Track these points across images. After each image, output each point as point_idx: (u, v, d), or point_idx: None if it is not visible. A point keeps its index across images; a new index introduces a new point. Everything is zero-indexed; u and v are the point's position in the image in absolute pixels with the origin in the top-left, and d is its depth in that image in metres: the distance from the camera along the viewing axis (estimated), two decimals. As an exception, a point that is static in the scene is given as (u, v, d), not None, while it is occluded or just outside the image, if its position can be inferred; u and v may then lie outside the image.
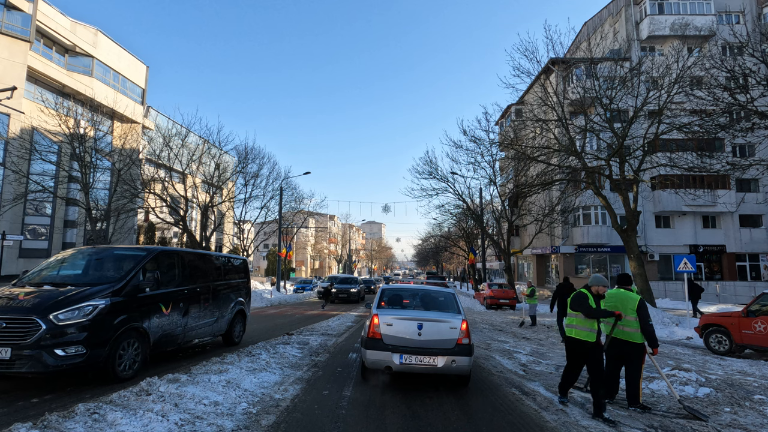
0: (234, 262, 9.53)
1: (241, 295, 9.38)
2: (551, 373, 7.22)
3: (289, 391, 5.51)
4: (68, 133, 20.07)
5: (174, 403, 4.50)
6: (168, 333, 6.67)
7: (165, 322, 6.57)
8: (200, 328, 7.63)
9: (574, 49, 31.15)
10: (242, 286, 9.57)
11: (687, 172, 18.64)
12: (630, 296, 5.32)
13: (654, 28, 29.83)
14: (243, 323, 9.55)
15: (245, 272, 9.88)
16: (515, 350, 9.55)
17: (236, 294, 9.15)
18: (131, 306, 5.90)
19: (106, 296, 5.55)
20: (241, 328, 9.42)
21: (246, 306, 9.64)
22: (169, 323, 6.69)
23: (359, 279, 30.88)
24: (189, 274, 7.43)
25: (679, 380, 6.28)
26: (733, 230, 29.39)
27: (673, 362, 8.23)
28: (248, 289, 9.92)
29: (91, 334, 5.24)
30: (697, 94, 14.67)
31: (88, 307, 5.29)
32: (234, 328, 9.02)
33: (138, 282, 6.13)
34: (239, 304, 9.22)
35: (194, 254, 8.07)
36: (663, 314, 14.62)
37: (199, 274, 7.78)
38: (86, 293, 5.44)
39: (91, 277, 6.19)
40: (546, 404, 5.33)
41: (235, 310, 9.01)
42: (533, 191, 20.95)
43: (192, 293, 7.37)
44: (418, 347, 5.55)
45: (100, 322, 5.36)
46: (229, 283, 8.88)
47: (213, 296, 8.08)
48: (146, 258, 6.50)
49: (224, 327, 8.60)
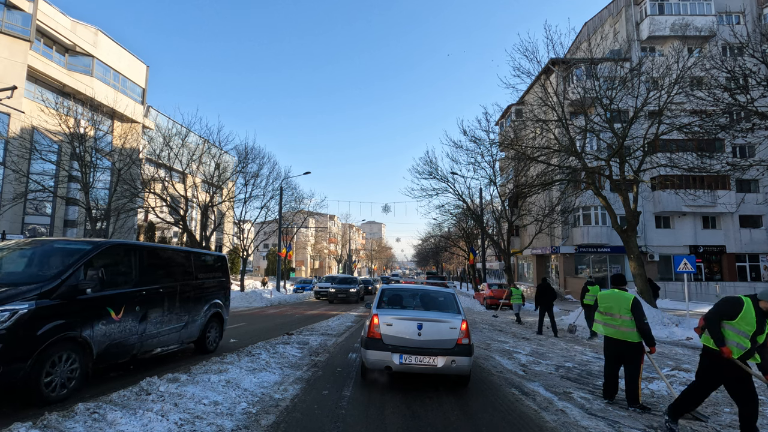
0: (208, 259, 8.54)
1: (217, 297, 8.40)
2: (551, 373, 7.23)
3: (289, 390, 5.51)
4: (68, 132, 20.07)
5: (174, 403, 4.50)
6: (119, 342, 5.64)
7: (115, 329, 5.52)
8: (163, 335, 6.66)
9: (574, 50, 31.16)
10: (219, 286, 8.59)
11: (687, 173, 18.62)
12: (624, 296, 5.36)
13: (654, 28, 29.83)
14: (220, 328, 8.55)
15: (223, 270, 8.91)
16: (515, 350, 9.56)
17: (211, 295, 8.16)
18: (67, 311, 4.88)
19: (30, 299, 4.53)
20: (216, 334, 8.43)
21: (224, 309, 8.66)
22: (121, 330, 5.65)
23: (358, 279, 30.37)
24: (150, 272, 6.45)
25: (678, 380, 6.28)
26: (733, 231, 29.40)
27: (672, 362, 8.23)
28: (227, 290, 8.96)
29: (6, 347, 4.24)
30: (698, 95, 14.65)
31: (3, 313, 4.29)
32: (208, 334, 8.03)
33: (77, 281, 5.07)
34: (215, 307, 8.22)
35: (158, 249, 7.06)
36: (663, 315, 14.60)
37: (163, 273, 6.82)
38: (3, 296, 4.42)
39: (18, 276, 5.16)
40: (546, 404, 5.33)
41: (210, 314, 7.99)
42: (533, 191, 20.94)
43: (153, 294, 6.39)
44: (418, 347, 5.56)
45: (19, 331, 4.35)
46: (203, 283, 7.92)
47: (181, 298, 7.10)
48: (90, 253, 5.41)
49: (196, 333, 7.62)
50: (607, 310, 5.45)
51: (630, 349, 5.19)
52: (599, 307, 5.63)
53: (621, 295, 5.38)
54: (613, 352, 5.39)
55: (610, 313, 5.41)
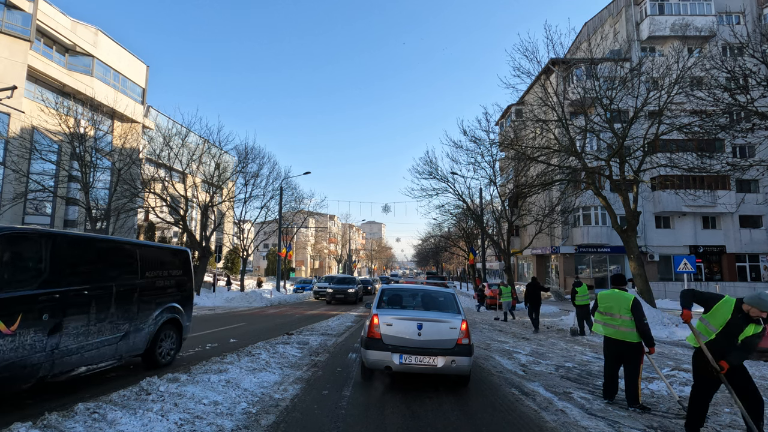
0: (163, 253, 7.09)
1: (174, 299, 6.98)
2: (551, 373, 7.23)
3: (289, 390, 5.51)
4: (68, 132, 20.05)
5: (174, 403, 4.50)
6: (10, 363, 4.23)
7: (6, 346, 4.19)
8: (90, 350, 5.26)
9: (574, 50, 31.15)
10: (177, 286, 7.16)
11: (687, 173, 18.61)
12: (624, 296, 5.36)
13: (654, 28, 29.83)
14: (177, 337, 7.14)
15: (185, 268, 7.43)
16: (515, 350, 9.56)
17: (165, 297, 6.79)
18: None
19: None
20: (172, 344, 6.98)
21: (183, 314, 7.21)
22: (16, 347, 4.28)
23: (357, 279, 29.56)
24: (70, 269, 5.07)
25: (679, 381, 6.28)
26: (733, 231, 29.40)
27: (672, 363, 8.23)
28: (187, 291, 7.46)
29: None
30: (698, 95, 14.65)
31: None
32: (159, 345, 6.62)
33: None
34: (169, 312, 6.82)
35: (84, 240, 5.56)
36: (663, 315, 14.60)
37: (91, 270, 5.42)
38: None
39: None
40: (546, 404, 5.33)
41: (162, 321, 6.61)
42: (533, 191, 20.96)
43: (73, 298, 5.01)
44: (418, 347, 5.56)
45: None
46: (154, 283, 6.55)
47: (119, 301, 5.75)
48: None
49: (141, 345, 6.26)
50: (607, 310, 5.45)
51: (630, 350, 5.19)
52: (599, 307, 5.63)
53: (621, 295, 5.38)
54: (612, 352, 5.39)
55: (610, 313, 5.40)
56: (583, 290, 12.86)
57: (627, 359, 5.23)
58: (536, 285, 14.83)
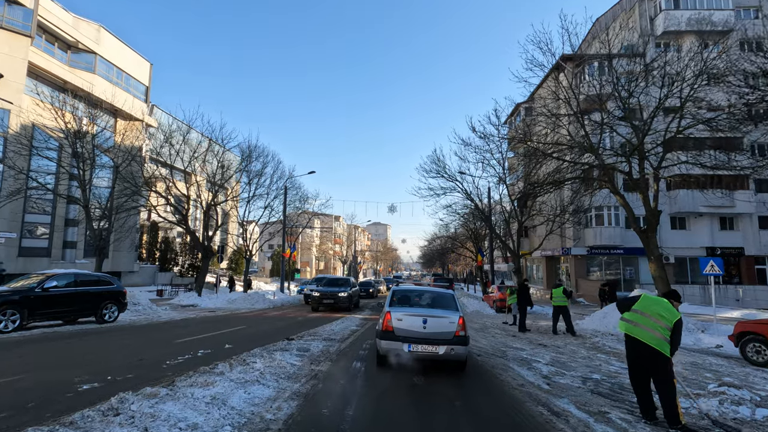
0: None
1: None
2: (579, 387, 6.45)
3: (283, 409, 4.78)
4: (65, 127, 19.52)
5: (144, 428, 3.79)
6: None
7: None
8: None
9: (585, 46, 30.23)
10: None
11: (708, 171, 17.69)
12: (673, 309, 4.75)
13: (669, 23, 28.89)
14: None
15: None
16: (534, 359, 8.78)
17: None
18: None
19: None
20: None
21: None
22: None
23: (352, 280, 23.60)
24: None
25: (729, 399, 5.47)
26: (752, 232, 28.30)
27: (711, 375, 7.43)
28: None
29: None
30: (731, 81, 13.76)
31: None
32: None
33: None
34: None
35: None
36: (686, 320, 13.73)
37: None
38: None
39: None
40: (582, 428, 4.57)
41: None
42: (544, 190, 20.12)
43: None
44: (424, 338, 6.63)
45: None
46: None
47: None
48: None
49: None
50: (644, 310, 4.75)
51: (653, 357, 4.56)
52: (635, 305, 4.91)
53: (670, 307, 4.73)
54: (633, 357, 4.79)
55: (647, 313, 4.70)
56: (558, 292, 13.49)
57: (653, 370, 4.61)
58: (526, 288, 15.14)
